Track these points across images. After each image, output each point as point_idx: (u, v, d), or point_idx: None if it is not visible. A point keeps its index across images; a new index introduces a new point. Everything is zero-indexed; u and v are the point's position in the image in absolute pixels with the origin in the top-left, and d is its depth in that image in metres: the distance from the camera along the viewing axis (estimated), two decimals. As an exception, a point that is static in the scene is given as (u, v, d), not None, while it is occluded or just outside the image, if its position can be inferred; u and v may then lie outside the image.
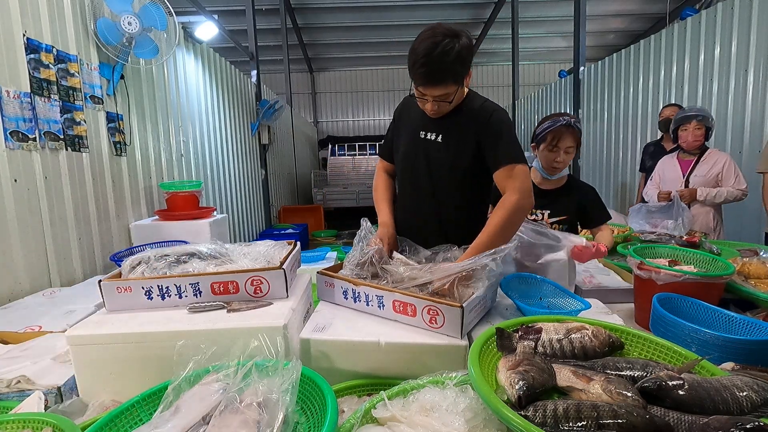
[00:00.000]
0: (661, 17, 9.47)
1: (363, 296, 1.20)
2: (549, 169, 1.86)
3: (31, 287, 2.08)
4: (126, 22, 2.62)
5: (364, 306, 1.20)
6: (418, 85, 1.35)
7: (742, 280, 1.49)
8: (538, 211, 1.92)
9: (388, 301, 1.14)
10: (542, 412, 0.64)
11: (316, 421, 0.73)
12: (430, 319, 1.07)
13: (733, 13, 3.66)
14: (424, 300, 1.07)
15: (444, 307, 1.04)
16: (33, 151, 2.15)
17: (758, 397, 0.68)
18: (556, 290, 1.38)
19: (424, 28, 1.32)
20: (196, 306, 1.12)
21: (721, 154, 2.94)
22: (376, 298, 1.17)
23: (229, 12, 8.12)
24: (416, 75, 1.32)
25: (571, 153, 1.81)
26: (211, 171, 4.57)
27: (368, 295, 1.18)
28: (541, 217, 1.91)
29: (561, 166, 1.83)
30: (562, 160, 1.81)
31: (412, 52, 1.31)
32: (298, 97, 13.35)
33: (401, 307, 1.12)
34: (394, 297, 1.13)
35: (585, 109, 6.22)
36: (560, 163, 1.82)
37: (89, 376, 1.03)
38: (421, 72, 1.30)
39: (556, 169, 1.85)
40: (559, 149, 1.79)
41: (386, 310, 1.15)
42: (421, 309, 1.08)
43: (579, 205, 1.90)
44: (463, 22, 10.29)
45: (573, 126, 1.78)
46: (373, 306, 1.18)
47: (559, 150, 1.79)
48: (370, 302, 1.18)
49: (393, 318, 1.14)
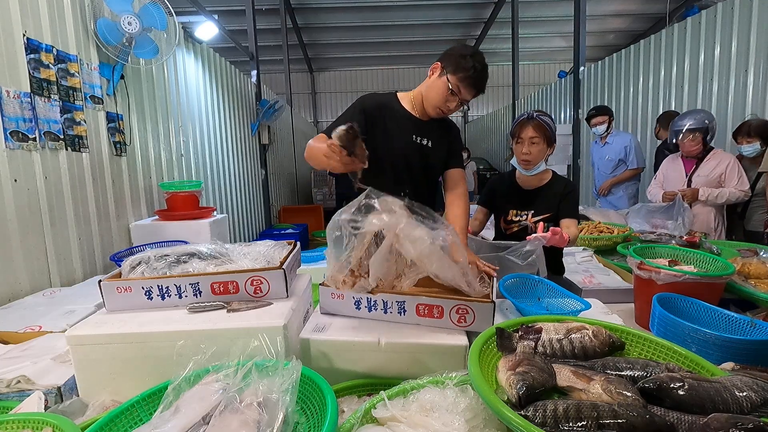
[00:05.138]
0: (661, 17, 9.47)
1: (381, 304, 1.11)
2: (521, 163, 1.89)
3: (31, 287, 2.08)
4: (126, 22, 2.62)
5: (381, 314, 1.12)
6: (468, 89, 1.57)
7: (742, 280, 1.49)
8: (523, 212, 1.93)
9: (411, 306, 1.08)
10: (542, 412, 0.64)
11: (316, 421, 0.73)
12: (458, 318, 1.05)
13: (733, 13, 3.66)
14: (452, 300, 1.05)
15: (475, 304, 1.04)
16: (33, 151, 2.15)
17: (758, 397, 0.67)
18: (555, 291, 1.38)
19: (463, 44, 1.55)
20: (196, 306, 1.12)
21: (725, 155, 2.94)
22: (396, 304, 1.09)
23: (229, 12, 8.13)
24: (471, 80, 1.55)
25: (538, 144, 1.83)
26: (211, 171, 4.57)
27: (387, 303, 1.10)
28: (525, 218, 1.91)
29: (530, 158, 1.84)
30: (528, 152, 1.83)
31: (469, 59, 1.53)
32: (298, 97, 13.37)
33: (426, 310, 1.07)
34: (418, 301, 1.07)
35: (585, 109, 6.22)
36: (528, 155, 1.84)
37: (89, 376, 1.03)
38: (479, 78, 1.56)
39: (527, 162, 1.87)
40: (523, 141, 1.85)
41: (408, 315, 1.09)
42: (449, 309, 1.05)
43: (560, 198, 1.89)
44: (463, 22, 10.30)
45: (536, 118, 1.83)
46: (393, 313, 1.10)
47: (523, 141, 1.84)
48: (389, 309, 1.11)
49: (415, 322, 1.09)
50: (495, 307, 1.04)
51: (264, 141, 6.39)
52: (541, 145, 1.83)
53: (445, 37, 11.17)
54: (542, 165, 1.90)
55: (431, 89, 1.62)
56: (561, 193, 1.88)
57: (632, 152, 4.17)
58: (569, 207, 1.87)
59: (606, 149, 4.34)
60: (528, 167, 1.88)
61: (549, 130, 1.83)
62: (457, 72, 1.54)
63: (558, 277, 1.90)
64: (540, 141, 1.82)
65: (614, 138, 4.30)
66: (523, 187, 1.96)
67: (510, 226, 1.95)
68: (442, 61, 1.59)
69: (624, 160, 4.23)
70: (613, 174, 4.31)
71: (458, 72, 1.54)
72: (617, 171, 4.30)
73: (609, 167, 4.33)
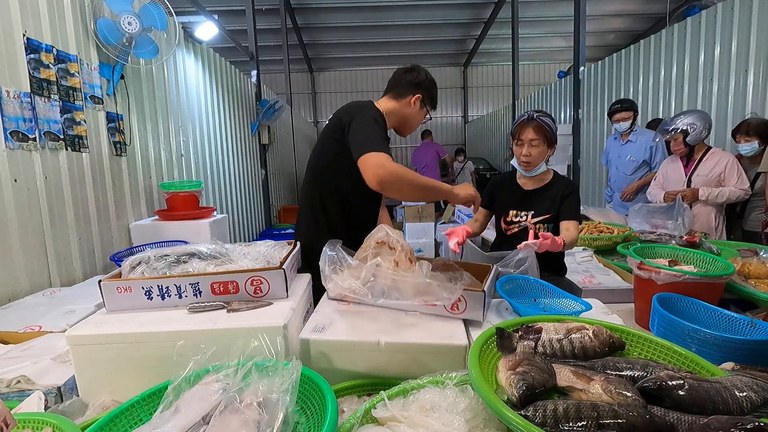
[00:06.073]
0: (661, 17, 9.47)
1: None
2: (521, 165, 1.89)
3: (31, 287, 2.08)
4: (126, 22, 2.62)
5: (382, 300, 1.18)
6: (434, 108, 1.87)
7: (742, 280, 1.49)
8: (522, 212, 1.92)
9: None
10: (542, 412, 0.64)
11: (316, 421, 0.73)
12: (452, 305, 1.12)
13: (733, 13, 3.66)
14: None
15: (467, 293, 1.10)
16: (33, 151, 2.15)
17: (758, 398, 0.67)
18: (553, 291, 1.37)
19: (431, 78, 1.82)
20: (196, 306, 1.12)
21: (724, 154, 2.94)
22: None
23: (229, 12, 8.13)
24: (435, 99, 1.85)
25: (538, 146, 1.81)
26: (211, 171, 4.56)
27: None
28: (525, 218, 1.90)
29: (530, 160, 1.84)
30: (529, 154, 1.82)
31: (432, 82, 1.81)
32: (298, 97, 13.37)
33: None
34: None
35: (585, 109, 6.22)
36: (528, 157, 1.83)
37: (89, 376, 1.03)
38: None
39: (527, 164, 1.86)
40: (523, 143, 1.83)
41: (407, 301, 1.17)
42: None
43: (560, 199, 1.88)
44: (463, 22, 10.31)
45: (536, 119, 1.81)
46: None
47: (523, 144, 1.83)
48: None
49: (414, 309, 1.16)
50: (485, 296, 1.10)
51: (264, 141, 6.39)
52: (542, 146, 1.82)
53: (445, 37, 11.18)
54: (543, 166, 1.89)
55: (414, 118, 1.81)
56: (562, 194, 1.87)
57: (658, 153, 3.70)
58: (570, 208, 1.84)
59: (628, 148, 3.87)
60: (528, 169, 1.87)
61: (549, 131, 1.82)
62: (432, 106, 1.84)
63: (559, 278, 1.88)
64: (540, 143, 1.81)
65: (638, 136, 3.82)
66: (524, 188, 1.95)
67: (510, 226, 1.94)
68: (421, 94, 1.76)
69: (648, 162, 3.77)
70: (634, 176, 3.85)
71: (433, 106, 1.85)
72: (638, 173, 3.83)
73: (630, 168, 3.87)
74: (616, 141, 4.07)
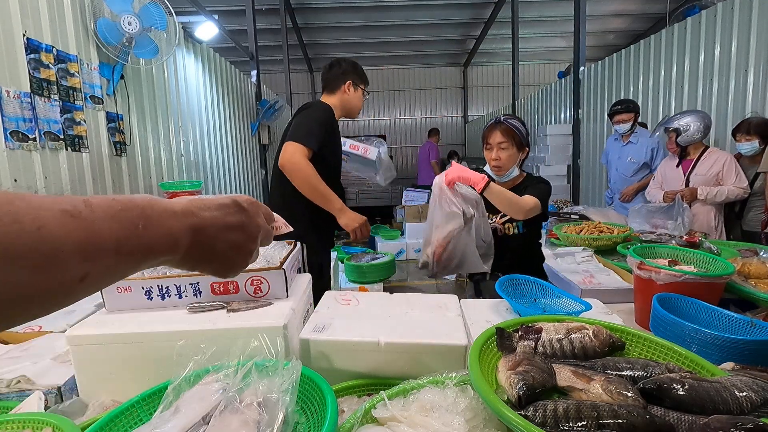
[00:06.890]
0: (661, 17, 9.47)
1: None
2: (492, 169, 1.89)
3: (31, 287, 2.08)
4: (126, 22, 2.62)
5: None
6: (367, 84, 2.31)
7: (742, 280, 1.49)
8: (494, 216, 1.92)
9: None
10: (542, 412, 0.64)
11: (316, 421, 0.73)
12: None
13: (733, 13, 3.66)
14: None
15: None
16: (33, 151, 2.15)
17: (758, 397, 0.67)
18: (553, 291, 1.38)
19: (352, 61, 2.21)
20: (196, 306, 1.12)
21: (722, 153, 2.95)
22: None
23: (229, 12, 8.12)
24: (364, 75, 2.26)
25: (507, 149, 1.81)
26: (211, 171, 4.57)
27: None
28: (494, 221, 1.91)
29: (500, 164, 1.84)
30: (498, 157, 1.82)
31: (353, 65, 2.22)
32: (298, 97, 13.34)
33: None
34: None
35: (585, 109, 6.22)
36: (498, 161, 1.83)
37: (89, 376, 1.03)
38: None
39: (498, 168, 1.86)
40: (492, 146, 1.84)
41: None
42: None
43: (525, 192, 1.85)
44: (463, 22, 10.30)
45: (503, 122, 1.81)
46: None
47: (492, 147, 1.84)
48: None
49: None
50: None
51: (264, 141, 6.39)
52: (511, 149, 1.81)
53: (445, 37, 11.17)
54: (515, 170, 1.89)
55: (355, 101, 2.17)
56: (527, 186, 1.87)
57: (659, 155, 3.72)
58: (531, 191, 1.80)
59: (629, 149, 3.91)
60: (499, 173, 1.87)
61: (519, 134, 1.81)
62: (365, 82, 2.22)
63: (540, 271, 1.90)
64: (509, 146, 1.80)
65: (639, 138, 3.86)
66: None
67: None
68: (351, 79, 2.13)
69: (648, 164, 3.80)
70: (635, 178, 3.89)
71: (365, 82, 2.23)
72: (639, 175, 3.87)
73: (630, 170, 3.90)
74: (616, 142, 4.07)
